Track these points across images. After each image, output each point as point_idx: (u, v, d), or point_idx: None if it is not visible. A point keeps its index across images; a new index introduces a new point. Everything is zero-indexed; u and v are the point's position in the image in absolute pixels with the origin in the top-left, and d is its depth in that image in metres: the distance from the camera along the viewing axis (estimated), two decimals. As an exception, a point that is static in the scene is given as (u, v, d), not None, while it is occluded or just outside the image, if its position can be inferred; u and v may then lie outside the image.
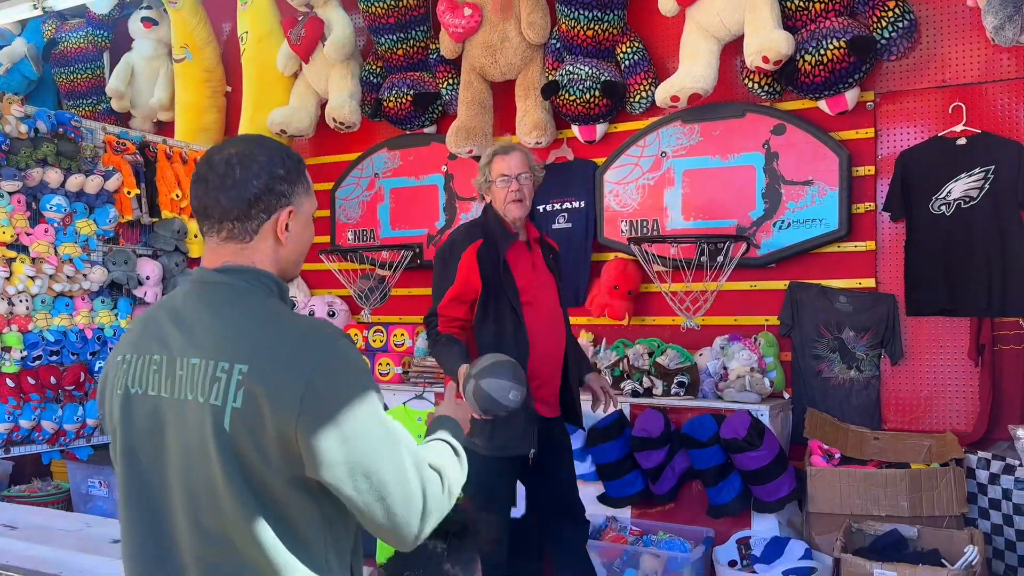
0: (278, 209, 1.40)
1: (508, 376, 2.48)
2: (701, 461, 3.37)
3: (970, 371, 3.51)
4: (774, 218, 3.80)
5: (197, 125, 5.23)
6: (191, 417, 1.30)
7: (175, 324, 1.38)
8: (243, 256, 1.40)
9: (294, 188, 1.42)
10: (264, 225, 1.39)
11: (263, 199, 1.38)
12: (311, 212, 1.48)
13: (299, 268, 1.51)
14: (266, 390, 1.26)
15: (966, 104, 3.50)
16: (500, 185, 2.88)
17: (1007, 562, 3.17)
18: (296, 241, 1.44)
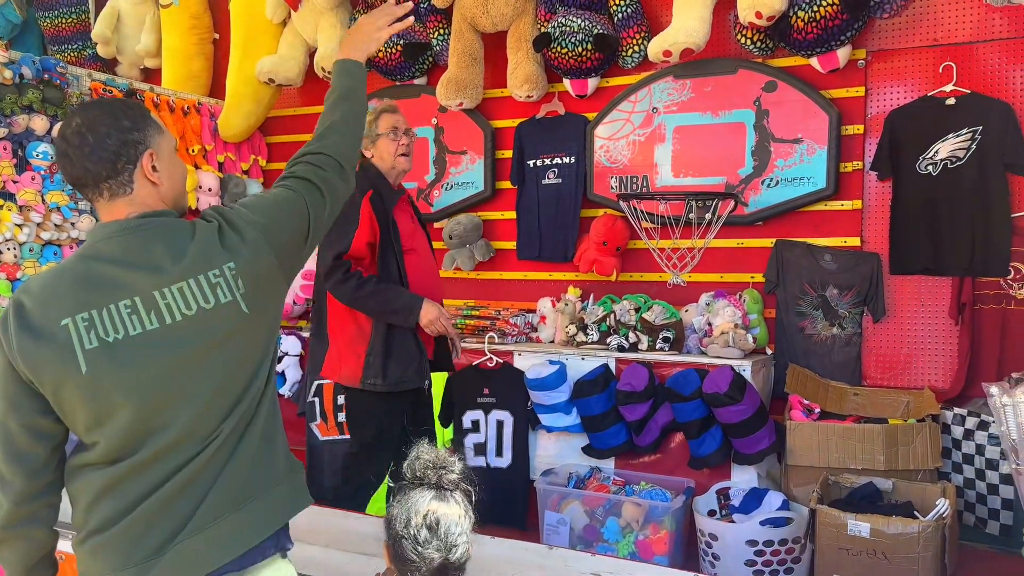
0: (139, 156, 1.56)
1: None
2: (684, 414, 3.43)
3: (950, 329, 3.57)
4: (763, 176, 3.81)
5: (185, 72, 5.16)
6: (196, 327, 1.48)
7: (128, 268, 1.49)
8: (135, 205, 1.56)
9: (145, 133, 1.57)
10: (135, 174, 1.56)
11: (122, 152, 1.54)
12: (172, 148, 1.64)
13: (185, 201, 1.68)
14: (248, 256, 1.54)
15: (956, 64, 3.49)
16: (391, 138, 3.01)
17: (977, 515, 3.26)
18: (168, 177, 1.61)
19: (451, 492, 1.49)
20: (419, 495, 1.48)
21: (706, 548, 3.22)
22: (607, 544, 3.39)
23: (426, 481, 1.50)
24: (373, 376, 2.98)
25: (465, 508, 1.48)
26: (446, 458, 1.54)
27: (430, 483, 1.50)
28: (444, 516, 1.42)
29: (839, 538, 2.78)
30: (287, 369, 4.42)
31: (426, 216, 4.60)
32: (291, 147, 5.09)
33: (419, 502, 1.46)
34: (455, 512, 1.43)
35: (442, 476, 1.50)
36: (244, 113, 4.81)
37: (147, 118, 1.60)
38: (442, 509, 1.43)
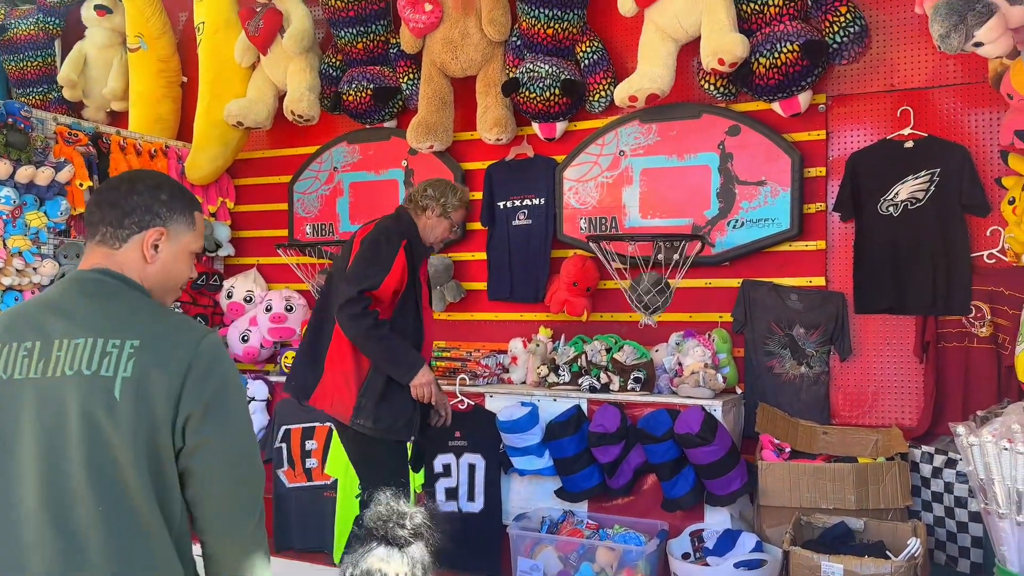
0: (150, 227, 1.54)
1: None
2: (656, 455, 3.42)
3: (915, 367, 3.62)
4: (728, 217, 3.87)
5: (152, 116, 5.15)
6: (66, 393, 1.39)
7: (53, 313, 1.48)
8: (112, 261, 1.53)
9: (173, 215, 1.57)
10: (133, 237, 1.54)
11: (137, 213, 1.54)
12: (190, 248, 1.61)
13: (168, 298, 1.61)
14: (156, 359, 1.40)
15: (913, 108, 3.60)
16: (447, 227, 3.29)
17: (948, 553, 3.28)
18: (163, 266, 1.56)
19: (401, 547, 1.44)
20: (365, 549, 1.44)
21: (681, 592, 3.20)
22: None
23: (376, 534, 1.46)
24: (364, 418, 2.99)
25: (412, 565, 1.43)
26: (402, 510, 1.49)
27: (378, 537, 1.46)
28: (378, 572, 1.37)
29: (813, 580, 2.77)
30: (254, 415, 4.35)
31: (396, 258, 4.60)
32: (259, 189, 5.08)
33: (361, 556, 1.42)
34: (394, 570, 1.39)
35: (391, 530, 1.45)
36: (211, 156, 4.79)
37: (189, 210, 1.60)
38: (380, 565, 1.38)
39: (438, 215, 3.24)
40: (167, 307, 1.58)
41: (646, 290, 3.65)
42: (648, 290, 3.65)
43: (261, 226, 5.06)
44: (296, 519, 4.25)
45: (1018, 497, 2.11)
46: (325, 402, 3.08)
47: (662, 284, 3.69)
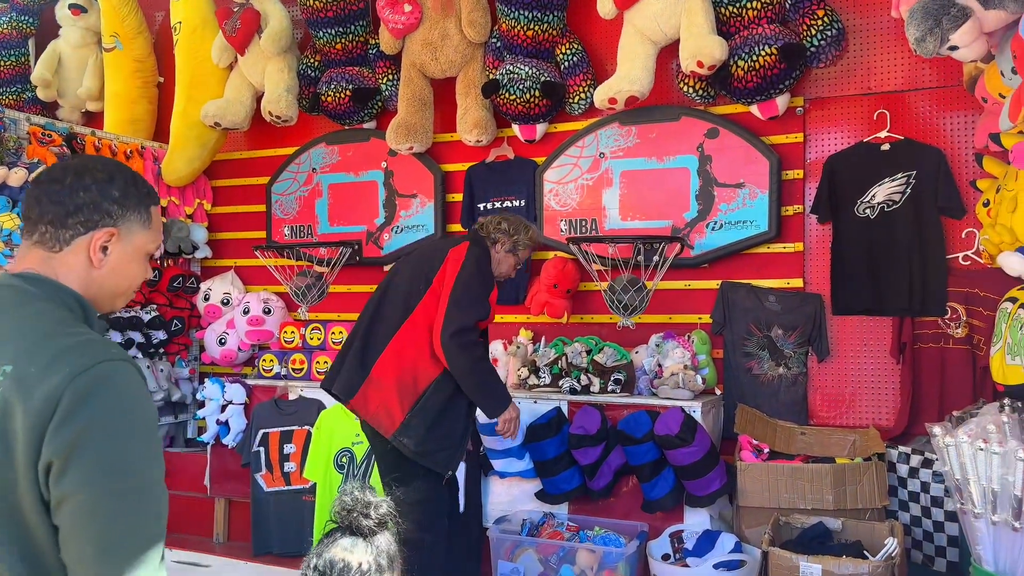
0: (98, 227, 1.34)
1: None
2: (636, 457, 3.42)
3: (892, 368, 3.65)
4: (707, 219, 3.89)
5: (127, 116, 5.09)
6: None
7: None
8: (47, 266, 1.33)
9: (126, 213, 1.36)
10: (78, 239, 1.33)
11: (84, 211, 1.33)
12: (146, 249, 1.41)
13: (117, 302, 1.41)
14: (21, 392, 1.17)
15: (890, 111, 3.63)
16: (512, 265, 3.26)
17: (924, 552, 3.31)
18: (113, 270, 1.37)
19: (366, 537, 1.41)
20: (330, 538, 1.42)
21: (661, 593, 3.20)
22: None
23: (341, 524, 1.44)
24: (408, 437, 2.87)
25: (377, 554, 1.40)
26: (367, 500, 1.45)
27: (343, 527, 1.43)
28: (341, 562, 1.35)
29: (791, 580, 2.78)
30: (231, 418, 4.31)
31: (376, 259, 4.59)
32: (237, 191, 5.04)
33: (326, 547, 1.39)
34: (357, 559, 1.36)
35: (355, 520, 1.42)
36: (188, 157, 4.74)
37: (145, 205, 1.39)
38: (343, 555, 1.36)
39: (507, 250, 3.19)
40: (71, 324, 1.28)
41: (624, 290, 3.65)
42: (626, 289, 3.65)
43: (238, 228, 5.02)
44: (275, 523, 4.21)
45: (993, 497, 2.13)
46: (367, 410, 2.94)
47: (638, 285, 3.69)
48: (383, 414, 2.90)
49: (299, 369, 4.38)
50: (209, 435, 4.39)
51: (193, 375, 5.01)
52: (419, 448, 2.88)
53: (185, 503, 4.59)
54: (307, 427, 4.14)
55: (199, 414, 4.47)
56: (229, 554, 4.27)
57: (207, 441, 4.43)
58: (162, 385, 4.66)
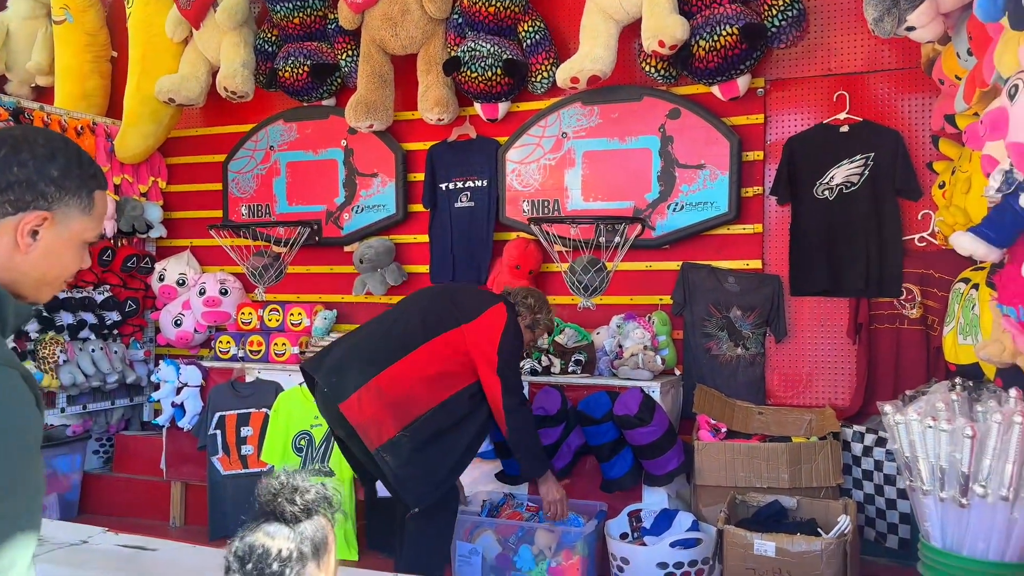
0: (30, 209, 1.20)
1: None
2: (595, 437, 3.42)
3: (848, 349, 3.69)
4: (668, 200, 3.88)
5: (79, 91, 4.95)
6: None
7: None
8: None
9: (64, 196, 1.23)
10: (6, 220, 1.20)
11: (14, 190, 1.19)
12: (83, 237, 1.28)
13: (42, 292, 1.28)
14: None
15: (850, 93, 3.64)
16: (527, 341, 3.19)
17: (877, 529, 3.36)
18: (42, 257, 1.23)
19: (290, 523, 1.35)
20: (255, 523, 1.36)
21: (618, 572, 3.20)
22: (519, 573, 3.33)
23: (265, 508, 1.38)
24: (392, 456, 2.76)
25: (300, 541, 1.34)
26: (295, 484, 1.39)
27: (267, 511, 1.37)
28: (260, 547, 1.30)
29: (746, 558, 2.80)
30: (187, 401, 4.23)
31: (336, 240, 4.52)
32: (192, 169, 4.93)
33: (249, 531, 1.33)
34: (278, 545, 1.30)
35: (279, 505, 1.36)
36: (142, 134, 4.62)
37: (83, 187, 1.25)
38: (264, 540, 1.31)
39: (526, 325, 3.12)
40: None
41: (585, 270, 3.64)
42: (587, 270, 3.64)
43: (194, 207, 4.91)
44: (232, 507, 4.14)
45: (941, 474, 2.16)
46: (358, 416, 2.80)
47: (599, 265, 3.68)
48: (372, 425, 2.79)
49: (256, 351, 4.31)
50: (164, 418, 4.31)
51: (148, 357, 4.91)
52: (400, 471, 2.77)
53: (141, 487, 4.51)
54: (264, 410, 4.08)
55: (153, 396, 4.39)
56: (185, 538, 4.19)
57: (162, 424, 4.34)
58: (116, 367, 4.56)
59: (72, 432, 4.58)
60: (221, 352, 4.35)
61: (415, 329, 2.92)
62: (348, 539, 3.87)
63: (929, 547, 2.25)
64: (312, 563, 1.30)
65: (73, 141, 1.34)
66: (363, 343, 2.97)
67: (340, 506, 1.38)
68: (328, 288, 4.58)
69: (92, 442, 4.77)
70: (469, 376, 2.92)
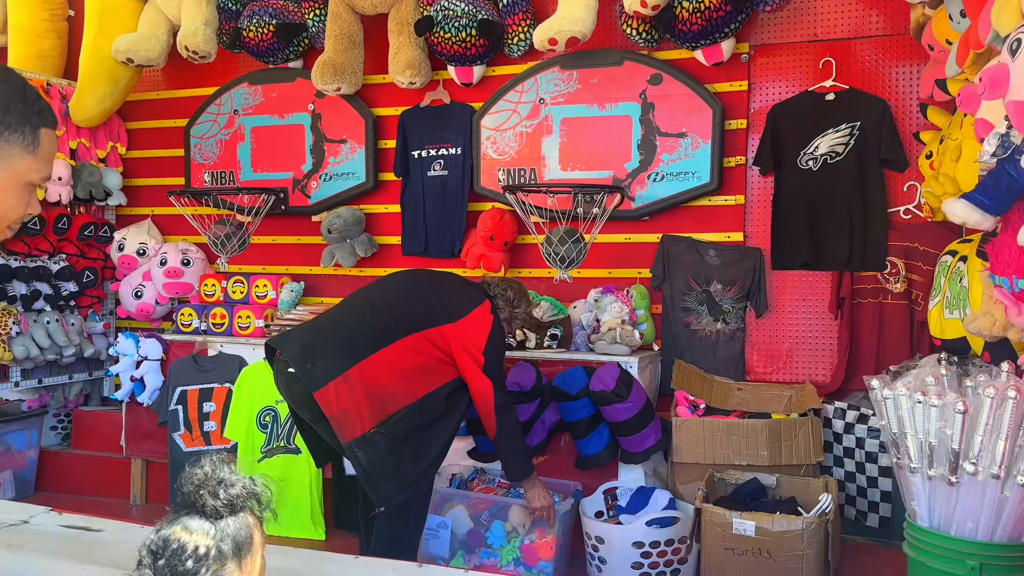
0: None
1: None
2: (571, 413, 3.31)
3: (830, 324, 3.60)
4: (649, 170, 3.75)
5: (33, 52, 4.71)
6: None
7: None
8: None
9: (4, 132, 1.17)
10: None
11: None
12: (26, 177, 1.21)
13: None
14: None
15: (836, 60, 3.53)
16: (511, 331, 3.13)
17: (858, 508, 3.29)
18: None
19: (211, 519, 1.22)
20: (175, 515, 1.23)
21: (592, 551, 3.11)
22: (491, 550, 3.23)
23: (186, 500, 1.24)
24: (365, 451, 2.60)
25: (220, 538, 1.21)
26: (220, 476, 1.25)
27: (186, 503, 1.24)
28: (176, 542, 1.17)
29: (725, 537, 2.71)
30: (147, 375, 4.07)
31: (303, 209, 4.35)
32: (153, 134, 4.72)
33: (167, 523, 1.20)
34: (195, 541, 1.18)
35: (201, 498, 1.23)
36: (99, 96, 4.40)
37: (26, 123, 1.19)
38: (181, 535, 1.18)
39: (503, 319, 2.99)
40: None
41: (561, 241, 3.50)
42: (563, 241, 3.50)
43: (155, 174, 4.70)
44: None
45: (930, 451, 2.07)
46: (334, 408, 2.62)
47: (576, 236, 3.55)
48: (347, 418, 2.63)
49: (220, 324, 4.14)
50: (123, 393, 4.14)
51: (108, 330, 4.72)
52: (371, 468, 2.63)
53: (100, 464, 4.35)
54: (227, 384, 3.92)
55: (112, 371, 4.21)
56: (146, 516, 4.05)
57: (122, 399, 4.17)
58: (73, 340, 4.37)
59: (28, 407, 4.39)
60: (183, 325, 4.17)
61: (399, 320, 2.77)
62: (315, 518, 3.75)
63: (915, 526, 2.16)
64: (232, 562, 1.17)
65: (20, 75, 1.24)
66: (341, 328, 2.80)
67: (269, 504, 1.24)
68: (295, 259, 4.41)
69: (50, 417, 4.59)
70: (447, 375, 2.80)
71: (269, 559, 2.12)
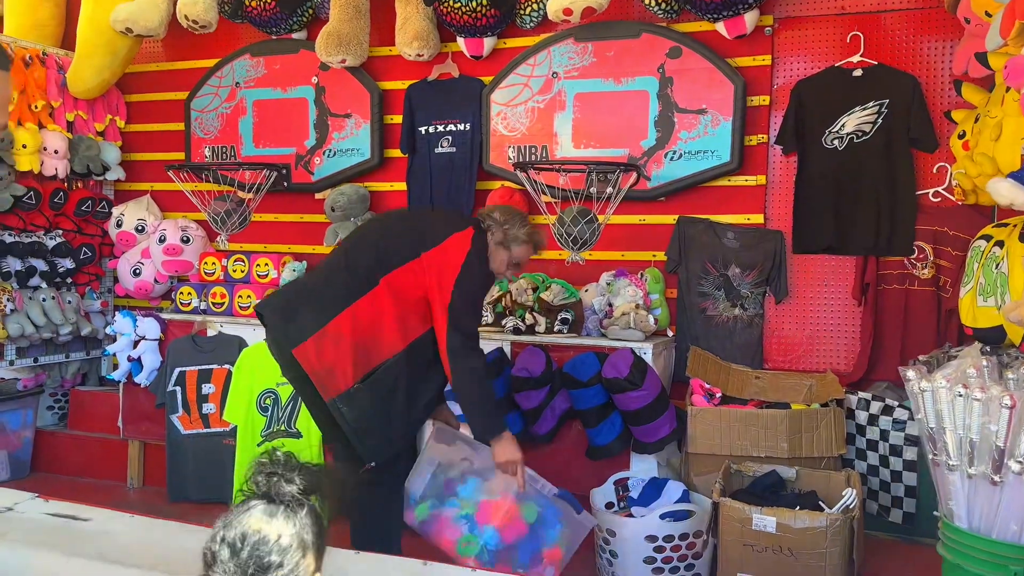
0: None
1: None
2: (582, 401, 3.19)
3: (853, 311, 3.46)
4: (666, 148, 3.60)
5: (30, 20, 4.58)
6: None
7: None
8: None
9: None
10: None
11: None
12: None
13: None
14: None
15: (864, 34, 3.37)
16: (506, 261, 2.73)
17: (880, 502, 3.16)
18: None
19: (288, 506, 1.16)
20: (244, 507, 1.15)
21: (603, 544, 2.98)
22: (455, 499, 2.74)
23: (259, 489, 1.17)
24: (348, 407, 2.47)
25: (301, 527, 1.14)
26: (292, 462, 1.20)
27: (261, 493, 1.17)
28: (256, 534, 1.08)
29: (743, 533, 2.58)
30: (144, 355, 3.95)
31: (306, 186, 4.21)
32: (154, 106, 4.58)
33: (238, 516, 1.13)
34: (277, 531, 1.09)
35: (275, 485, 1.16)
36: (96, 67, 4.26)
37: None
38: (260, 526, 1.09)
39: (497, 242, 2.69)
40: None
41: (574, 222, 3.36)
42: (576, 221, 3.36)
43: (155, 148, 4.57)
44: (193, 468, 3.89)
45: (971, 448, 1.93)
46: (313, 364, 2.49)
47: (589, 216, 3.40)
48: (328, 374, 2.49)
49: (220, 303, 4.02)
50: (120, 373, 4.03)
51: (106, 308, 4.60)
52: (356, 424, 2.49)
53: (97, 445, 4.25)
54: (227, 366, 3.80)
55: (109, 350, 4.09)
56: (144, 499, 3.96)
57: (118, 379, 4.06)
58: (69, 318, 4.25)
59: (23, 386, 4.28)
60: (182, 304, 4.05)
61: (378, 261, 2.54)
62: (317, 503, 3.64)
63: (953, 527, 2.03)
64: (311, 554, 1.10)
65: None
66: (318, 282, 2.63)
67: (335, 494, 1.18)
68: (297, 238, 4.28)
69: (46, 397, 4.48)
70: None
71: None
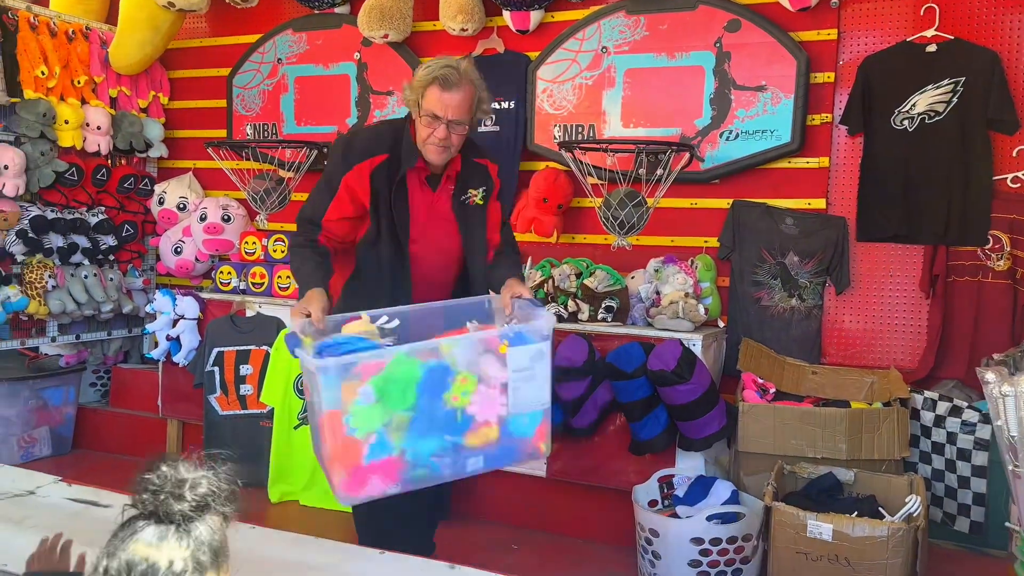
0: None
1: None
2: (625, 394, 3.04)
3: (920, 304, 3.25)
4: (721, 127, 3.41)
5: (76, -6, 4.54)
6: None
7: None
8: None
9: None
10: None
11: None
12: None
13: None
14: None
15: (939, 6, 3.14)
16: (425, 122, 2.29)
17: (945, 509, 2.95)
18: None
19: (180, 526, 1.00)
20: (127, 531, 1.00)
21: (646, 544, 2.84)
22: None
23: (144, 510, 1.01)
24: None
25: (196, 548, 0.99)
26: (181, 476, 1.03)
27: (147, 513, 1.01)
28: (143, 562, 0.95)
29: (797, 540, 2.42)
30: (183, 334, 3.91)
31: (346, 165, 4.11)
32: (197, 83, 4.53)
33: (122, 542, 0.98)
34: (167, 556, 0.96)
35: (163, 504, 1.00)
36: (139, 42, 4.22)
37: None
38: (148, 552, 0.96)
39: (414, 110, 2.34)
40: None
41: (621, 205, 3.20)
42: (623, 204, 3.20)
43: (197, 125, 4.52)
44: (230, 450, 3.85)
45: (1058, 460, 1.75)
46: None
47: (638, 199, 3.23)
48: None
49: (259, 284, 3.96)
50: (159, 351, 4.00)
51: (148, 286, 4.59)
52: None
53: (137, 423, 4.25)
54: (265, 347, 3.75)
55: (148, 328, 4.07)
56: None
57: (157, 358, 4.04)
58: (111, 295, 4.24)
59: (65, 363, 4.30)
60: (222, 283, 4.00)
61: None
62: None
63: (1032, 547, 1.85)
64: (211, 573, 0.96)
65: None
66: None
67: (236, 498, 1.01)
68: (338, 218, 4.19)
69: (89, 374, 4.50)
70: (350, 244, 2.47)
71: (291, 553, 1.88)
